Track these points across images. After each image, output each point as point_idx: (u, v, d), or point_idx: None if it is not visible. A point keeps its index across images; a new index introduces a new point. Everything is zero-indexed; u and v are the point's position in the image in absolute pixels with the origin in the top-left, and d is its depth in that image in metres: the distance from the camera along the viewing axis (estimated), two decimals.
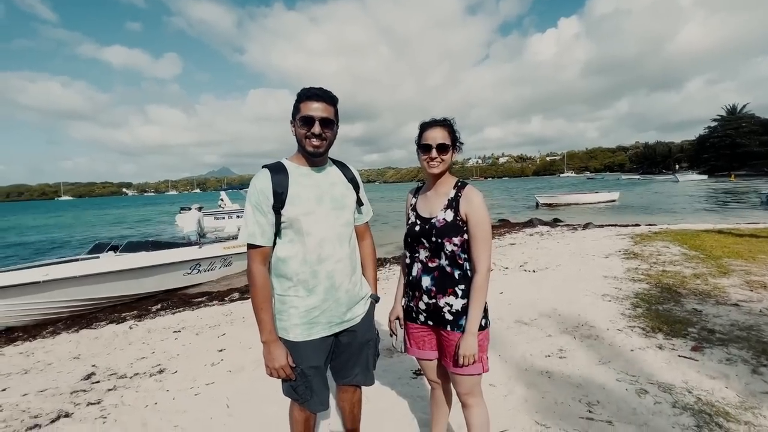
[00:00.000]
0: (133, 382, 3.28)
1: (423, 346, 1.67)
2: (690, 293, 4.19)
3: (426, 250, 1.56)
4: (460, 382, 1.57)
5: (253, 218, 1.46)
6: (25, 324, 6.23)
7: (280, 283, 1.53)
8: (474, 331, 1.48)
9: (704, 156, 76.43)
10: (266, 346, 1.47)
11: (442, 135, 1.54)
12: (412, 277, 1.62)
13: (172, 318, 5.67)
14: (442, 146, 1.53)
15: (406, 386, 2.67)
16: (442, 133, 1.54)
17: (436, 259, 1.55)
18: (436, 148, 1.53)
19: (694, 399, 2.27)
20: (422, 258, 1.58)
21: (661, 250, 6.64)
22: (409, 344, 1.70)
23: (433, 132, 1.54)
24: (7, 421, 2.73)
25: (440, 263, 1.54)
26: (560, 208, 22.14)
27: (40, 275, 6.15)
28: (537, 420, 2.17)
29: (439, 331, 1.59)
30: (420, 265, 1.59)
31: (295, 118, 1.48)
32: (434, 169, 1.56)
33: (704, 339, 3.04)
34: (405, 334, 1.72)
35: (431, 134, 1.54)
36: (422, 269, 1.58)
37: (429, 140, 1.54)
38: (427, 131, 1.56)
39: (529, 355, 2.99)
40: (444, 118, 1.59)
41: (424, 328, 1.64)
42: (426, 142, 1.55)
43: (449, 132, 1.56)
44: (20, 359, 4.34)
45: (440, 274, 1.54)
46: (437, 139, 1.53)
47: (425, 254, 1.57)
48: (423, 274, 1.57)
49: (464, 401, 1.60)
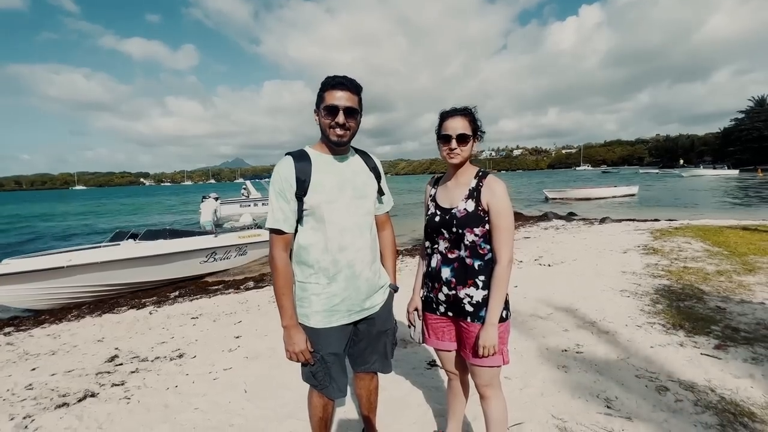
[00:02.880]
0: (154, 365, 3.39)
1: (442, 337, 1.66)
2: (713, 290, 4.07)
3: (446, 241, 1.55)
4: (479, 374, 1.56)
5: (276, 204, 1.47)
6: (51, 307, 6.50)
7: (301, 270, 1.54)
8: (494, 322, 1.46)
9: (729, 149, 73.60)
10: (287, 331, 1.49)
11: (462, 125, 1.50)
12: (431, 268, 1.61)
13: (189, 305, 5.81)
14: (462, 136, 1.50)
15: (421, 376, 2.69)
16: (463, 122, 1.50)
17: (455, 251, 1.53)
18: (456, 139, 1.50)
19: (718, 398, 2.21)
20: (442, 249, 1.57)
21: (682, 246, 6.46)
22: (428, 335, 1.70)
23: (453, 122, 1.51)
24: (38, 399, 2.86)
25: (460, 254, 1.52)
26: (571, 203, 21.59)
27: (64, 260, 6.38)
28: (554, 414, 2.16)
29: (458, 323, 1.58)
30: (439, 256, 1.57)
31: (319, 107, 1.47)
32: (454, 160, 1.53)
33: (728, 337, 2.95)
34: (423, 325, 1.71)
35: (451, 124, 1.51)
36: (442, 260, 1.57)
37: (449, 130, 1.51)
38: (447, 121, 1.53)
39: (545, 350, 2.96)
40: (465, 106, 1.55)
41: (443, 319, 1.63)
42: (446, 133, 1.52)
43: (470, 121, 1.52)
44: (48, 341, 4.52)
45: (460, 266, 1.52)
46: (457, 130, 1.50)
47: (445, 245, 1.56)
48: (443, 265, 1.56)
49: (482, 393, 1.59)
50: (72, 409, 2.64)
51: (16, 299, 6.30)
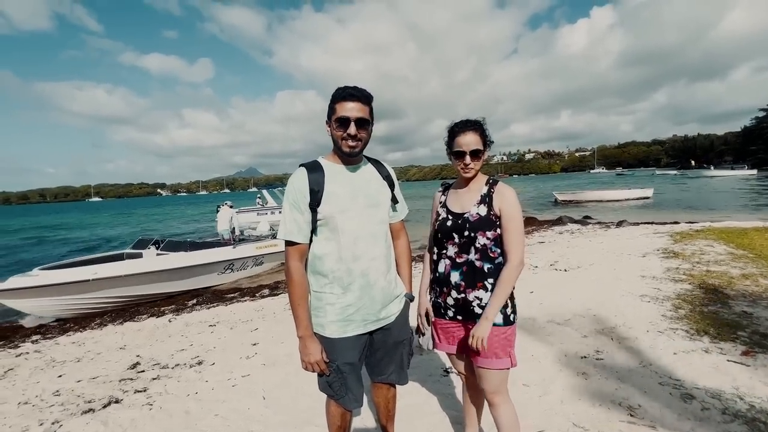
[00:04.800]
0: (174, 372, 3.46)
1: (453, 341, 1.67)
2: (739, 295, 3.94)
3: (455, 246, 1.57)
4: (487, 378, 1.56)
5: (290, 216, 1.49)
6: (76, 316, 6.71)
7: (316, 280, 1.56)
8: (490, 318, 1.48)
9: (751, 148, 71.19)
10: (302, 341, 1.51)
11: (474, 140, 1.54)
12: (439, 273, 1.63)
13: (207, 312, 5.92)
14: (476, 152, 1.54)
15: (437, 383, 2.67)
16: (475, 137, 1.54)
17: (464, 255, 1.55)
18: (470, 155, 1.54)
19: (747, 406, 2.14)
20: (450, 254, 1.58)
21: (704, 249, 6.26)
22: (439, 340, 1.71)
23: (465, 137, 1.55)
24: (65, 404, 2.96)
25: (469, 258, 1.54)
26: (585, 205, 21.15)
27: (90, 274, 6.60)
28: (574, 422, 2.12)
29: (467, 326, 1.59)
30: (448, 261, 1.59)
31: (331, 119, 1.49)
32: (468, 174, 1.57)
33: (756, 343, 2.85)
34: (433, 330, 1.72)
35: (463, 140, 1.55)
36: (451, 265, 1.58)
37: (462, 146, 1.55)
38: (458, 137, 1.56)
39: (564, 356, 2.91)
40: (475, 120, 1.59)
41: (452, 323, 1.64)
42: (459, 149, 1.55)
43: (481, 135, 1.55)
44: (73, 348, 4.67)
45: (469, 269, 1.54)
46: (471, 145, 1.54)
47: (454, 250, 1.57)
48: (452, 270, 1.57)
49: (491, 400, 1.60)
50: (97, 414, 2.73)
51: (45, 310, 6.55)
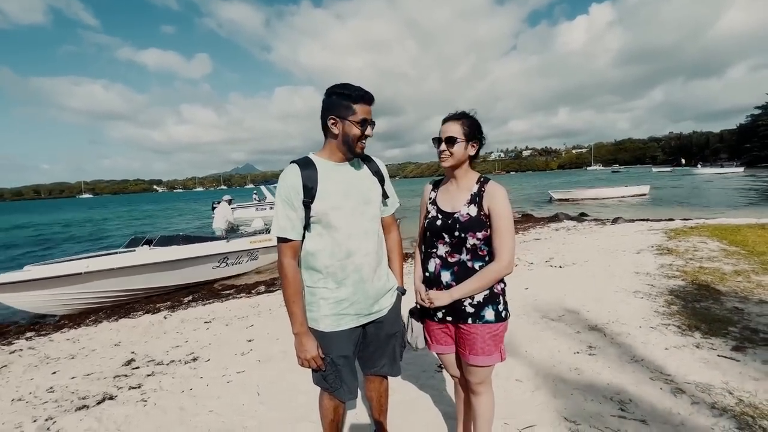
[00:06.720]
0: (169, 368, 3.46)
1: (444, 342, 1.68)
2: (730, 291, 3.98)
3: (446, 245, 1.56)
4: (474, 373, 1.58)
5: (283, 213, 1.49)
6: (69, 312, 6.67)
7: (310, 276, 1.56)
8: (454, 296, 1.50)
9: (746, 146, 71.72)
10: (298, 338, 1.51)
11: (453, 128, 1.55)
12: (429, 272, 1.61)
13: (202, 309, 5.91)
14: (450, 139, 1.54)
15: (431, 379, 2.69)
16: (454, 126, 1.55)
17: (456, 254, 1.54)
18: (445, 141, 1.55)
19: (736, 400, 2.17)
20: (441, 253, 1.57)
21: (697, 246, 6.32)
22: (431, 341, 1.71)
23: (446, 126, 1.57)
24: (59, 401, 2.95)
25: (461, 258, 1.53)
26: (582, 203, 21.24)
27: (82, 267, 6.56)
28: (566, 416, 2.14)
29: (458, 326, 1.59)
30: (439, 261, 1.58)
31: (347, 117, 1.46)
32: (445, 162, 1.57)
33: (746, 339, 2.88)
34: (425, 332, 1.72)
35: (444, 128, 1.57)
36: (441, 264, 1.57)
37: (440, 133, 1.57)
38: (443, 125, 1.59)
39: (557, 352, 2.94)
40: (462, 111, 1.59)
41: (442, 325, 1.64)
42: (436, 136, 1.59)
43: (462, 125, 1.54)
44: (67, 345, 4.65)
45: (460, 269, 1.53)
46: (446, 133, 1.55)
47: (445, 249, 1.56)
48: (442, 269, 1.56)
49: (475, 389, 1.63)
50: (91, 411, 2.72)
51: (37, 305, 6.49)
